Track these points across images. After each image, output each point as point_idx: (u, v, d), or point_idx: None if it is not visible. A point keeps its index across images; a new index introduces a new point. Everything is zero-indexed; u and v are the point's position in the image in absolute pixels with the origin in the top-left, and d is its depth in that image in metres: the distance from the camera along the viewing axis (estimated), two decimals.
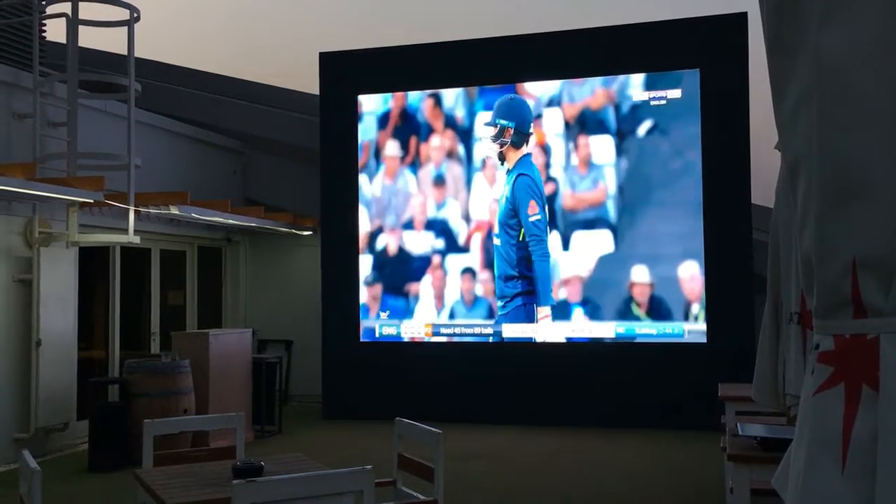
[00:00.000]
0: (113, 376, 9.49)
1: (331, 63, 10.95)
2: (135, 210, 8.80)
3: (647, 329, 9.62)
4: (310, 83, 11.83)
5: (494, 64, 10.29)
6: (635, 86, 9.78)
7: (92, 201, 8.33)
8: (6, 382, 8.11)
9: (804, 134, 1.35)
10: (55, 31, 10.12)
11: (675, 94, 9.67)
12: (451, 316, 10.24)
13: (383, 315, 10.46)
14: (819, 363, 1.36)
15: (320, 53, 11.01)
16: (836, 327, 1.33)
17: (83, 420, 8.58)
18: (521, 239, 9.95)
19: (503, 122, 10.11)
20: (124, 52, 8.99)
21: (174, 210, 9.30)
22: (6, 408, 8.10)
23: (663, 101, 9.70)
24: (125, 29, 8.93)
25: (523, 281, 9.96)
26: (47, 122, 8.87)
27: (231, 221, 10.75)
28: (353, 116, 10.69)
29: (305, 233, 12.16)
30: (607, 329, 9.73)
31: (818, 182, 1.32)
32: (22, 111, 8.53)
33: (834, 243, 1.31)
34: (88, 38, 10.01)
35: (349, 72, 10.83)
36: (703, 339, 9.44)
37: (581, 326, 9.79)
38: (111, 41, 12.34)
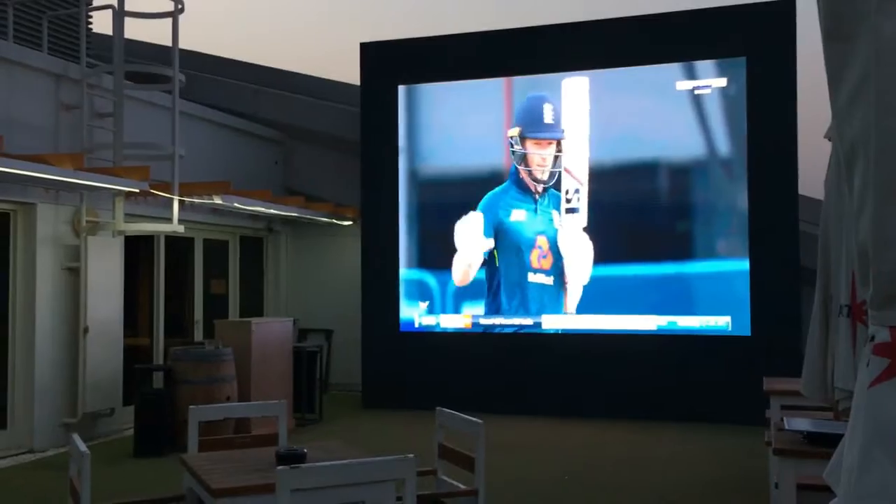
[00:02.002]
0: (158, 363, 9.66)
1: (372, 53, 10.98)
2: (179, 200, 8.92)
3: (689, 321, 9.52)
4: (351, 73, 11.88)
5: (536, 53, 10.22)
6: (680, 75, 9.64)
7: (138, 191, 8.46)
8: (55, 368, 8.29)
9: (862, 121, 1.33)
10: (102, 23, 10.30)
11: (720, 83, 9.52)
12: (493, 307, 10.21)
13: (422, 305, 10.48)
14: (875, 355, 1.34)
15: (361, 44, 11.05)
16: (893, 318, 1.31)
17: (129, 406, 8.75)
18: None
19: (516, 125, 10.13)
20: (169, 43, 9.11)
21: (217, 200, 9.42)
22: (55, 393, 8.29)
23: (708, 91, 9.55)
24: (170, 20, 9.05)
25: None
26: (94, 112, 9.03)
27: (272, 211, 10.85)
28: (394, 106, 10.71)
29: (345, 223, 12.23)
30: (648, 321, 9.65)
31: (876, 170, 1.29)
32: (70, 102, 8.69)
33: (892, 233, 1.28)
34: (134, 30, 10.18)
35: (390, 62, 10.85)
36: (748, 332, 9.31)
37: (622, 318, 9.72)
38: (156, 33, 12.49)
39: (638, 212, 9.75)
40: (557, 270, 9.99)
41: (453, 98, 10.51)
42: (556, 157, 10.04)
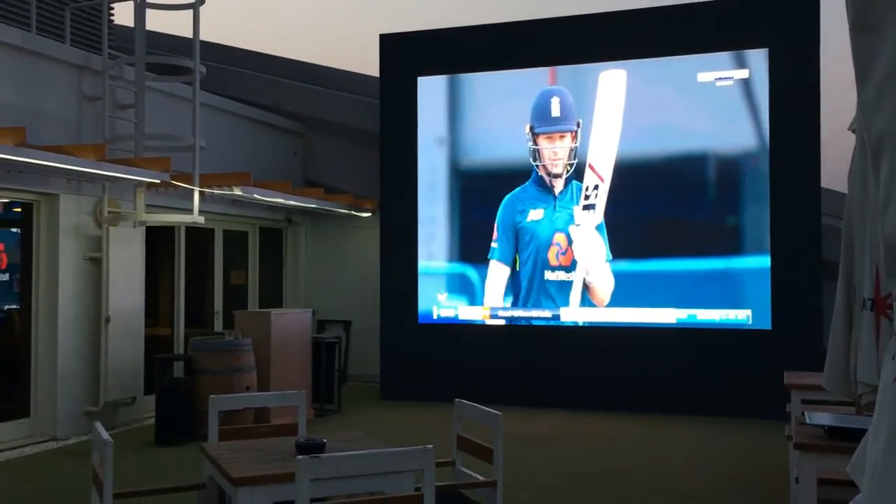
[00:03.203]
0: (178, 353, 9.74)
1: (391, 45, 10.97)
2: (199, 191, 8.97)
3: (709, 315, 9.46)
4: (370, 65, 11.89)
5: (556, 45, 10.18)
6: (701, 66, 9.56)
7: (159, 182, 8.52)
8: (77, 357, 8.38)
9: (890, 112, 1.31)
10: (123, 14, 10.37)
11: (742, 74, 9.43)
12: (514, 301, 10.21)
13: (441, 297, 10.49)
14: None
15: (380, 35, 11.04)
16: None
17: (149, 395, 8.83)
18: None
19: (530, 121, 10.14)
20: (190, 35, 9.15)
21: (237, 191, 9.46)
22: (77, 382, 8.37)
23: (730, 82, 9.47)
24: (191, 12, 9.08)
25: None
26: (116, 104, 9.09)
27: (292, 203, 10.89)
28: (413, 98, 10.70)
29: (364, 214, 12.25)
30: (668, 314, 9.60)
31: None
32: (92, 93, 8.75)
33: None
34: (155, 22, 10.21)
35: (409, 53, 10.84)
36: (768, 326, 9.24)
37: (641, 311, 9.68)
38: (177, 24, 12.57)
39: (658, 205, 9.69)
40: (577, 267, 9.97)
41: (472, 90, 10.48)
42: (571, 150, 9.99)
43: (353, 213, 12.17)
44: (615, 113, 9.82)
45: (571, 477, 6.76)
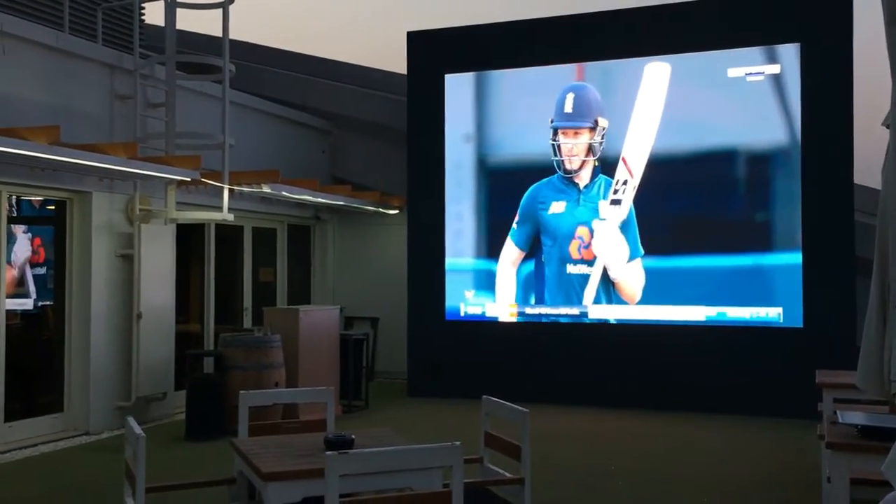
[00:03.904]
0: (208, 349, 9.83)
1: (418, 42, 10.98)
2: (229, 188, 9.05)
3: (739, 312, 9.37)
4: (398, 63, 11.91)
5: (583, 41, 10.13)
6: (731, 61, 9.47)
7: (189, 179, 8.60)
8: (110, 353, 8.50)
9: None
10: (154, 13, 10.48)
11: (773, 69, 9.33)
12: (539, 297, 10.19)
13: (468, 294, 10.50)
14: None
15: (408, 33, 11.06)
16: None
17: (180, 391, 8.93)
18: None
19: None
20: (219, 34, 9.23)
21: (266, 188, 9.53)
22: (109, 377, 8.49)
23: (761, 77, 9.37)
24: (220, 11, 9.15)
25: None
26: (147, 102, 9.20)
27: (320, 200, 10.95)
28: (441, 95, 10.70)
29: (392, 211, 12.29)
30: (697, 312, 9.53)
31: None
32: (123, 92, 8.86)
33: None
34: (186, 21, 10.32)
35: (437, 51, 10.85)
36: (800, 324, 9.14)
37: (670, 309, 9.61)
38: (207, 23, 12.69)
39: (688, 201, 9.62)
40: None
41: (500, 87, 10.47)
42: (589, 147, 9.95)
43: (381, 210, 12.21)
44: (655, 106, 9.74)
45: (600, 474, 6.73)
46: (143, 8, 10.46)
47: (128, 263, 8.69)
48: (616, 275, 9.81)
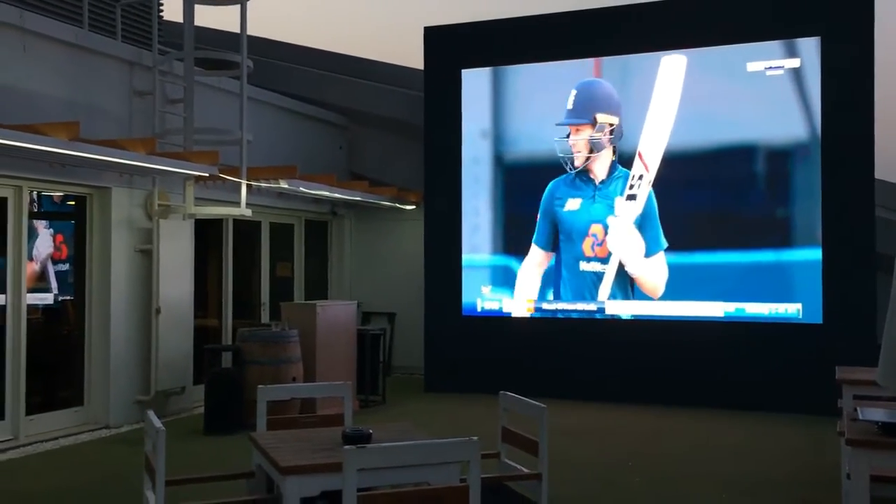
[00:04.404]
0: (227, 344, 9.89)
1: (435, 38, 10.97)
2: (246, 184, 9.09)
3: (757, 308, 9.32)
4: (414, 58, 11.91)
5: (600, 35, 10.09)
6: (751, 55, 9.40)
7: (207, 175, 8.65)
8: (129, 347, 8.57)
9: None
10: (172, 10, 10.53)
11: (793, 63, 9.25)
12: (555, 293, 10.17)
13: (485, 290, 10.49)
14: None
15: (425, 28, 11.05)
16: None
17: (199, 385, 8.99)
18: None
19: None
20: (237, 30, 9.26)
21: (283, 184, 9.57)
22: (129, 371, 8.56)
23: (780, 72, 9.29)
24: (238, 7, 9.18)
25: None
26: (166, 98, 9.25)
27: (337, 195, 10.98)
28: (457, 90, 10.69)
29: (409, 207, 12.30)
30: (715, 308, 9.48)
31: None
32: (142, 89, 8.91)
33: None
34: (203, 17, 10.35)
35: (453, 46, 10.84)
36: (819, 320, 9.07)
37: (688, 304, 9.57)
38: (225, 20, 12.73)
39: (706, 196, 9.56)
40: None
41: (517, 82, 10.45)
42: (589, 143, 9.95)
43: (398, 205, 12.22)
44: (671, 100, 9.69)
45: (617, 470, 6.72)
46: (162, 4, 10.51)
47: (147, 258, 8.76)
48: (634, 270, 9.77)
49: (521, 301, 10.32)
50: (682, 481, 6.42)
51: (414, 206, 12.22)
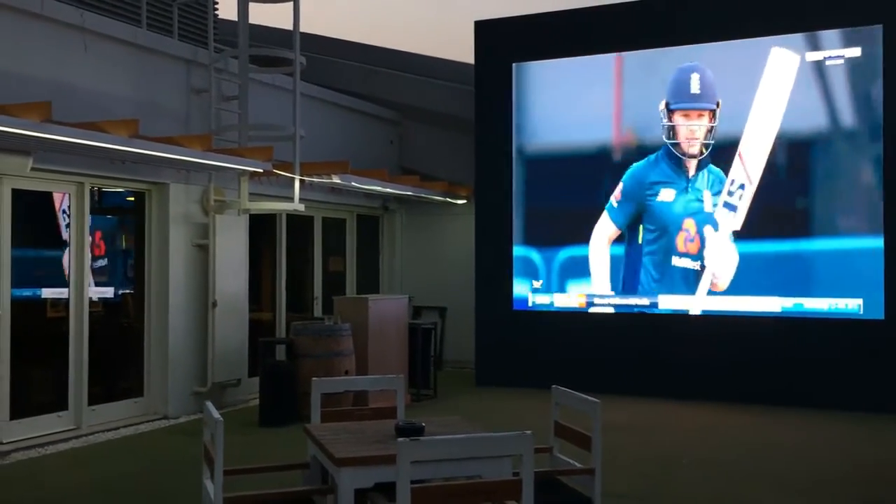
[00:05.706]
0: (280, 337, 10.03)
1: (486, 31, 10.95)
2: (300, 179, 9.19)
3: (816, 304, 9.11)
4: (465, 52, 11.90)
5: (654, 27, 9.95)
6: (809, 45, 9.18)
7: (261, 171, 8.77)
8: (187, 340, 8.74)
9: None
10: (227, 8, 10.68)
11: (853, 52, 9.00)
12: (627, 284, 10.07)
13: (536, 284, 10.45)
14: None
15: (476, 22, 11.04)
16: None
17: (254, 377, 9.13)
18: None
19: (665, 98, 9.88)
20: (290, 27, 9.36)
21: (335, 179, 9.65)
22: (187, 363, 8.74)
23: (840, 61, 9.06)
24: (291, 5, 9.28)
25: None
26: (221, 96, 9.40)
27: (388, 190, 11.04)
28: (508, 84, 10.66)
29: (459, 201, 12.31)
30: (773, 303, 9.29)
31: None
32: (199, 86, 9.07)
33: None
34: (257, 15, 10.51)
35: (504, 40, 10.80)
36: (881, 316, 8.82)
37: (744, 300, 9.40)
38: (278, 17, 12.88)
39: (763, 187, 9.37)
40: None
41: (566, 75, 10.36)
42: (708, 130, 9.59)
43: (448, 199, 12.24)
44: (780, 99, 9.27)
45: (671, 466, 6.65)
46: (217, 3, 10.67)
47: (203, 253, 8.92)
48: (714, 270, 9.57)
49: (573, 295, 10.25)
50: (739, 478, 6.31)
51: (465, 201, 12.22)
